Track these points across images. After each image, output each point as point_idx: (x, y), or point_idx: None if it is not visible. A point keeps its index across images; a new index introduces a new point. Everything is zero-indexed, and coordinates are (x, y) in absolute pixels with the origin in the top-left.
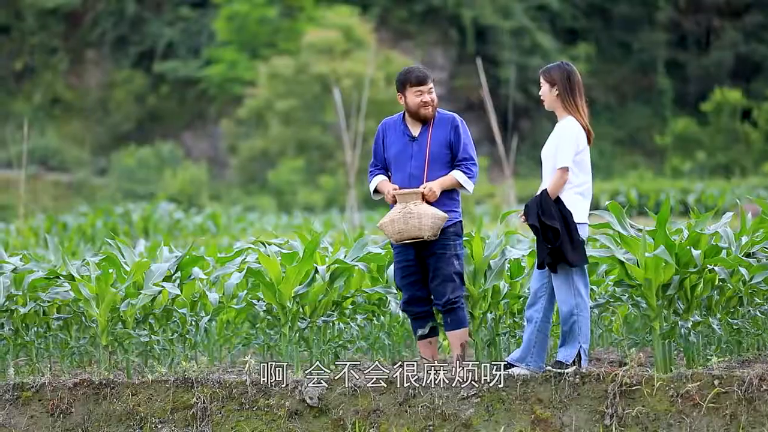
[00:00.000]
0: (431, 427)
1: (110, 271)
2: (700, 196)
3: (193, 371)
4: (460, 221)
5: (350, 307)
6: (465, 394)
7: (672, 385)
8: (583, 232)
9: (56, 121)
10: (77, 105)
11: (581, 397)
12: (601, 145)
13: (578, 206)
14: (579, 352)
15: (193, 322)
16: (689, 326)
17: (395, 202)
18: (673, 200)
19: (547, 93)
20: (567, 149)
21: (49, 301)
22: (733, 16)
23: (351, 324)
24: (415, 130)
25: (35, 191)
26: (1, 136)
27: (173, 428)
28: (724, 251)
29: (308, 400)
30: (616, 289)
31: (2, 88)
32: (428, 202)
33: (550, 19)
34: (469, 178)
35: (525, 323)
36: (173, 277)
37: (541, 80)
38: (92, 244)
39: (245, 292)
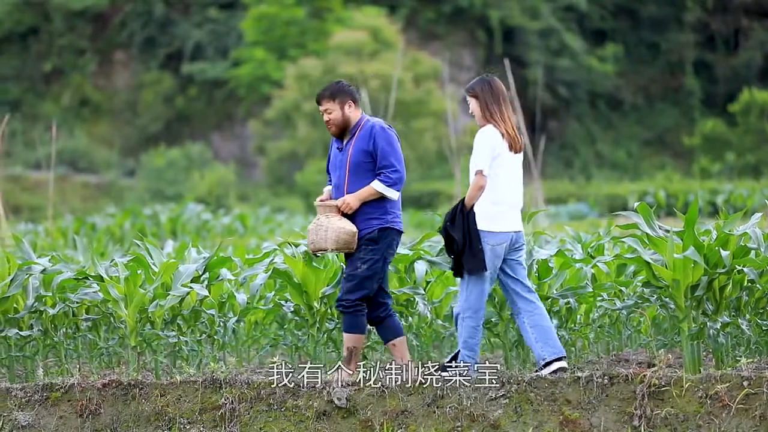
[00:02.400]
0: (459, 428)
1: (139, 272)
2: (729, 197)
3: (222, 372)
4: (385, 228)
5: None
6: (493, 395)
7: (701, 387)
8: (495, 240)
9: (85, 123)
10: (106, 106)
11: (610, 398)
12: (630, 146)
13: (491, 214)
14: (458, 353)
15: (221, 323)
16: (718, 327)
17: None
18: (702, 201)
19: (475, 108)
20: (482, 155)
21: (77, 302)
22: (762, 16)
23: None
24: (345, 140)
25: (64, 192)
26: (30, 138)
27: (202, 429)
28: (753, 252)
29: (336, 401)
30: (645, 290)
31: (31, 89)
32: (346, 215)
33: (578, 20)
34: (389, 186)
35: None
36: (201, 278)
37: (468, 98)
38: (121, 245)
39: (273, 293)
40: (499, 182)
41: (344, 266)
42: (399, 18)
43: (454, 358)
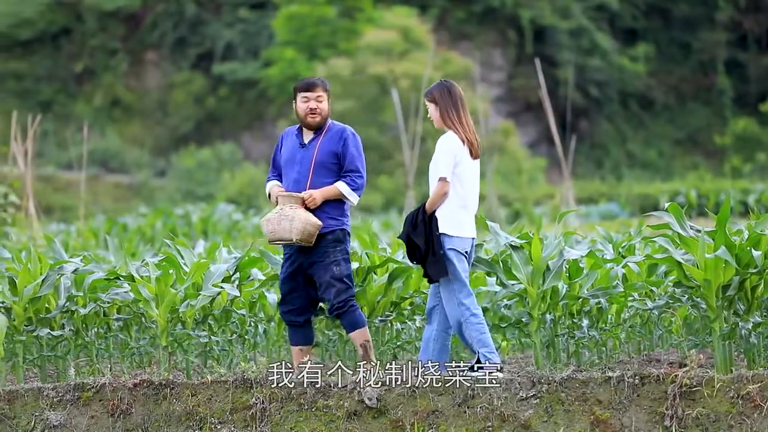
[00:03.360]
0: (490, 428)
1: (170, 272)
2: (761, 197)
3: (252, 372)
4: (344, 229)
5: (408, 307)
6: (524, 395)
7: (732, 387)
8: (462, 245)
9: (116, 123)
10: (137, 107)
11: (641, 399)
12: (661, 146)
13: (457, 219)
14: (478, 357)
15: (252, 323)
16: (750, 327)
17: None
18: (733, 201)
19: (433, 113)
20: (445, 161)
21: (109, 302)
22: None
23: (409, 324)
24: (307, 137)
25: (95, 193)
26: (62, 138)
27: (233, 429)
28: None
29: (367, 401)
30: (676, 290)
31: (63, 90)
32: (308, 209)
33: (610, 19)
34: (353, 189)
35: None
36: (232, 278)
37: (426, 102)
38: (152, 245)
39: None
40: (462, 187)
41: (283, 266)
42: (429, 18)
43: (477, 362)
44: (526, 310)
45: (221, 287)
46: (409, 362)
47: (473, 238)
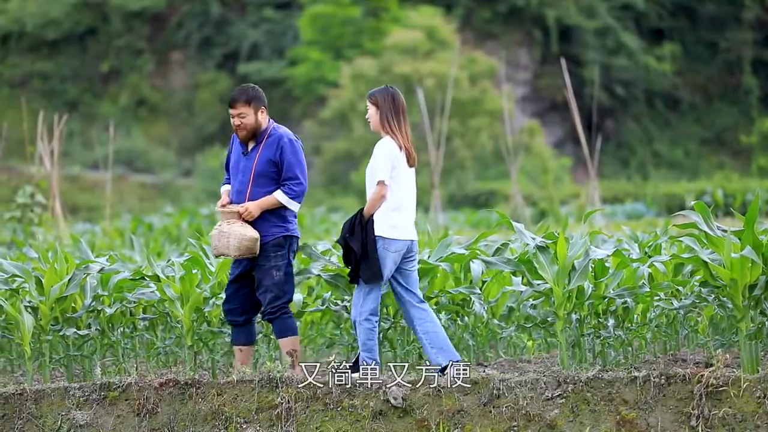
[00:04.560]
0: (515, 428)
1: (195, 271)
2: None
3: (278, 371)
4: (288, 236)
5: (434, 307)
6: (550, 395)
7: (759, 386)
8: (396, 247)
9: (142, 123)
10: (162, 106)
11: (667, 399)
12: (687, 145)
13: (391, 222)
14: (360, 358)
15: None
16: None
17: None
18: (760, 200)
19: (373, 115)
20: (383, 165)
21: (134, 302)
22: None
23: None
24: (250, 145)
25: (121, 192)
26: (87, 138)
27: (258, 428)
28: None
29: (392, 401)
30: (702, 289)
31: (89, 90)
32: (248, 221)
33: (635, 19)
34: (291, 198)
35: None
36: None
37: (368, 103)
38: (177, 245)
39: (330, 293)
40: (398, 191)
41: (230, 269)
42: (455, 17)
43: (356, 361)
44: (551, 310)
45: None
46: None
47: (412, 241)
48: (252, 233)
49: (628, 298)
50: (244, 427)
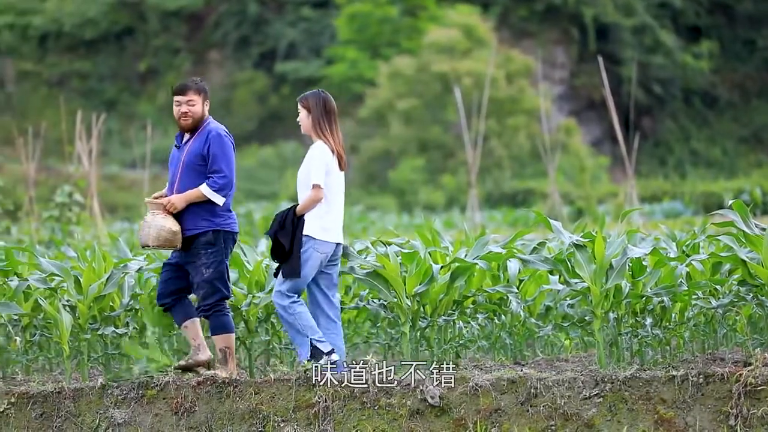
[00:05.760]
0: (553, 427)
1: (232, 270)
2: None
3: (315, 370)
4: (218, 230)
5: (471, 306)
6: (587, 394)
7: None
8: (323, 248)
9: None
10: None
11: (705, 398)
12: (725, 144)
13: (322, 224)
14: (312, 344)
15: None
16: None
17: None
18: None
19: (304, 118)
20: (318, 169)
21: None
22: None
23: (472, 323)
24: (185, 138)
25: (158, 191)
26: (125, 137)
27: (296, 427)
28: None
29: (429, 400)
30: (740, 288)
31: (127, 89)
32: (174, 214)
33: (673, 17)
34: (215, 190)
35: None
36: None
37: (299, 106)
38: None
39: (366, 291)
40: (330, 195)
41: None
42: (492, 16)
43: (314, 352)
44: (589, 309)
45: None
46: (470, 361)
47: (338, 244)
48: (172, 225)
49: (665, 297)
50: (282, 425)
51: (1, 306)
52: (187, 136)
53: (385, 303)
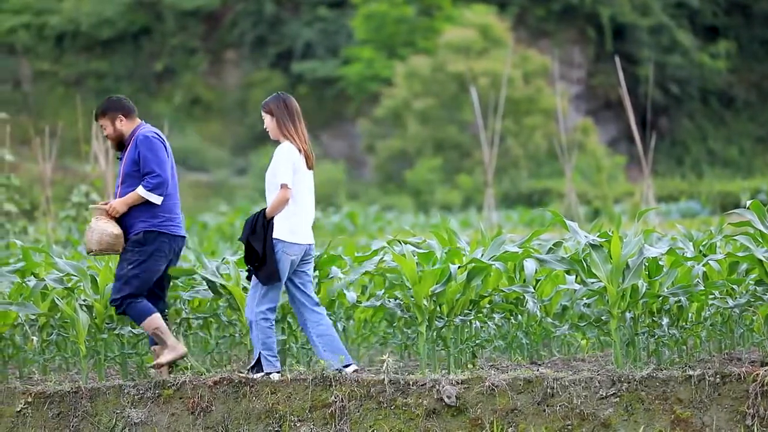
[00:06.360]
0: (569, 427)
1: None
2: None
3: (332, 370)
4: (152, 231)
5: (487, 306)
6: (604, 394)
7: None
8: (290, 251)
9: (196, 122)
10: (216, 105)
11: (722, 397)
12: (742, 143)
13: (291, 226)
14: (259, 358)
15: (331, 321)
16: None
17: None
18: None
19: (269, 124)
20: (284, 169)
21: (188, 300)
22: None
23: (488, 323)
24: (123, 151)
25: None
26: None
27: (312, 426)
28: None
29: (446, 399)
30: (757, 288)
31: (143, 89)
32: (115, 218)
33: (690, 16)
34: (149, 190)
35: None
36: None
37: (263, 114)
38: (231, 244)
39: (383, 290)
40: (299, 195)
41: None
42: (509, 15)
43: (257, 364)
44: (605, 308)
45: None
46: (487, 360)
47: (309, 245)
48: (113, 230)
49: (682, 296)
50: (298, 425)
51: (18, 306)
52: (125, 148)
53: (402, 303)
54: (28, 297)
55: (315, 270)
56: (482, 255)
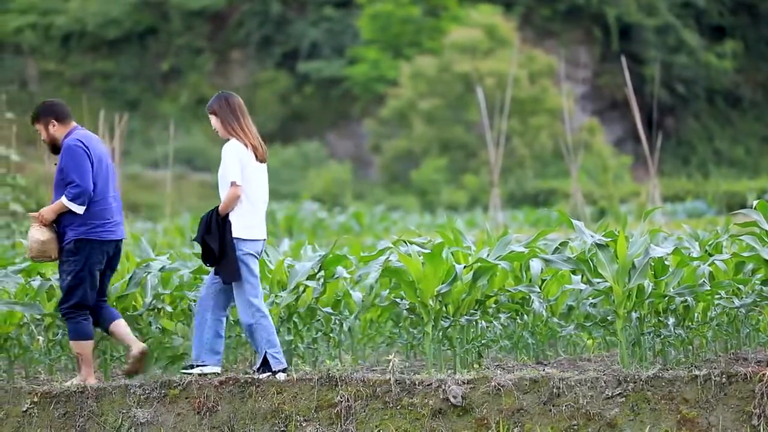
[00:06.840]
0: (575, 427)
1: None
2: None
3: (337, 370)
4: (81, 239)
5: (493, 305)
6: (610, 394)
7: None
8: (251, 247)
9: (202, 122)
10: None
11: (728, 397)
12: (748, 143)
13: (247, 222)
14: (266, 357)
15: (337, 321)
16: None
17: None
18: None
19: (215, 124)
20: (232, 166)
21: (195, 300)
22: None
23: (494, 323)
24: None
25: (181, 191)
26: (148, 137)
27: (318, 426)
28: None
29: (452, 399)
30: (764, 288)
31: (149, 89)
32: (45, 225)
33: (696, 16)
34: (70, 200)
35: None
36: (317, 276)
37: (209, 115)
38: None
39: (388, 290)
40: (251, 191)
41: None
42: (514, 15)
43: (263, 364)
44: (611, 308)
45: (306, 285)
46: (493, 360)
47: (264, 240)
48: (39, 236)
49: (688, 296)
50: (304, 425)
51: (24, 306)
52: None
53: (408, 304)
54: (34, 297)
55: (320, 270)
56: (488, 255)
